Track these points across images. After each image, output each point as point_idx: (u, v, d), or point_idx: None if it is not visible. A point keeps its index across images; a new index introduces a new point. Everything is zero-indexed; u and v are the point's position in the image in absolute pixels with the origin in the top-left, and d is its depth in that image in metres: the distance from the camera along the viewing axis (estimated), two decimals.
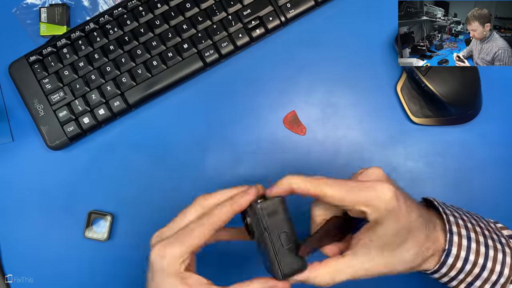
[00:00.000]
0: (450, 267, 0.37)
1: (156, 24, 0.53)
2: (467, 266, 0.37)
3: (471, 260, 0.37)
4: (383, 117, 0.53)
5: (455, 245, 0.37)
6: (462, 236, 0.37)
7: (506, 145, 0.52)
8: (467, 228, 0.38)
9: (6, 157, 0.55)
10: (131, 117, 0.55)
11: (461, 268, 0.37)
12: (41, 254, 0.54)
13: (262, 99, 0.54)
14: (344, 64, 0.54)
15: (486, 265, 0.38)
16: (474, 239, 0.38)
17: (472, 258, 0.37)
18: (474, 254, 0.37)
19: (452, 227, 0.38)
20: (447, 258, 0.37)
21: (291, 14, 0.53)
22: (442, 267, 0.37)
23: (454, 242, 0.37)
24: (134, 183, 0.54)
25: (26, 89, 0.53)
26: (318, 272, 0.36)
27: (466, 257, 0.37)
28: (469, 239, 0.38)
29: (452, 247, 0.37)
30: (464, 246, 0.37)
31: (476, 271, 0.38)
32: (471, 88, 0.50)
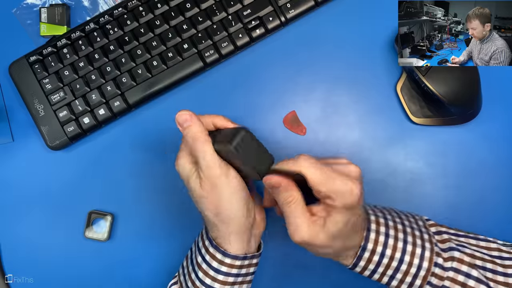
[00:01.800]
0: (367, 260, 0.41)
1: (156, 24, 0.53)
2: (384, 259, 0.41)
3: (388, 254, 0.41)
4: (383, 117, 0.53)
5: (371, 241, 0.41)
6: (380, 233, 0.41)
7: (506, 145, 0.52)
8: (387, 226, 0.42)
9: (6, 157, 0.55)
10: (131, 117, 0.55)
11: (378, 261, 0.41)
12: (41, 254, 0.54)
13: (262, 99, 0.54)
14: (344, 64, 0.54)
15: (404, 259, 0.41)
16: (393, 235, 0.41)
17: (388, 252, 0.41)
18: (391, 249, 0.41)
19: (371, 225, 0.41)
20: (363, 252, 0.41)
21: (291, 14, 0.53)
22: (359, 261, 0.41)
23: (371, 239, 0.41)
24: (134, 183, 0.54)
25: (26, 89, 0.53)
26: None
27: (382, 252, 0.41)
28: (387, 236, 0.41)
29: (367, 243, 0.41)
30: (380, 242, 0.41)
31: (394, 265, 0.41)
32: (471, 88, 0.50)
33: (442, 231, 0.44)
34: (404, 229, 0.42)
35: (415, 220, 0.44)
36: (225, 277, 0.42)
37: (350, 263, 0.41)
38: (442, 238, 0.43)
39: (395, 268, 0.41)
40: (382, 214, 0.43)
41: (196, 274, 0.43)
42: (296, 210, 0.39)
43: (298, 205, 0.39)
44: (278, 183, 0.39)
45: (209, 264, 0.42)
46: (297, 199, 0.39)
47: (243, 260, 0.43)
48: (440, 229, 0.44)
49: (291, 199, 0.39)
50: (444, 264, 0.41)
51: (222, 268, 0.42)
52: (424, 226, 0.44)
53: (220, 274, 0.42)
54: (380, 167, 0.53)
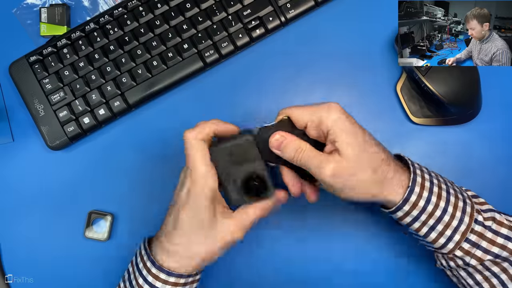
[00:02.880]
0: (413, 205, 0.39)
1: (156, 24, 0.53)
2: (429, 206, 0.39)
3: (433, 201, 0.39)
4: (383, 117, 0.53)
5: (418, 184, 0.39)
6: (425, 179, 0.40)
7: (506, 145, 0.52)
8: (430, 175, 0.41)
9: (6, 157, 0.55)
10: (131, 117, 0.55)
11: (423, 207, 0.39)
12: (41, 254, 0.54)
13: (262, 99, 0.54)
14: (344, 64, 0.54)
15: (447, 209, 0.39)
16: (437, 184, 0.40)
17: (434, 199, 0.39)
18: (436, 196, 0.39)
19: (416, 170, 0.40)
20: (410, 195, 0.39)
21: (291, 14, 0.53)
22: (405, 204, 0.39)
23: (418, 182, 0.39)
24: (134, 183, 0.54)
25: (27, 89, 0.53)
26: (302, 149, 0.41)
27: (428, 197, 0.39)
28: (431, 183, 0.40)
29: (415, 186, 0.39)
30: (426, 187, 0.39)
31: (438, 214, 0.39)
32: (471, 88, 0.50)
33: (477, 195, 0.43)
34: (445, 182, 0.41)
35: (451, 182, 0.43)
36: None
37: (395, 204, 0.39)
38: (480, 200, 0.42)
39: (437, 218, 0.39)
40: (425, 168, 0.42)
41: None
42: (310, 153, 0.40)
43: (310, 150, 0.40)
44: (282, 137, 0.41)
45: (151, 285, 0.42)
46: (306, 146, 0.40)
47: (186, 278, 0.42)
48: (476, 194, 0.43)
49: (300, 149, 0.40)
50: (485, 222, 0.40)
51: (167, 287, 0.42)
52: (461, 188, 0.43)
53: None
54: None
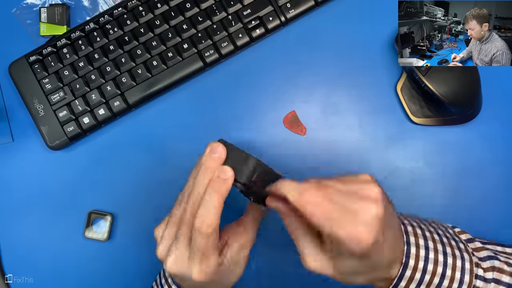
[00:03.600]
0: (409, 279, 0.36)
1: (156, 24, 0.53)
2: (426, 276, 0.36)
3: (430, 270, 0.36)
4: (383, 117, 0.53)
5: (413, 256, 0.36)
6: (420, 246, 0.36)
7: (506, 145, 0.52)
8: (425, 237, 0.37)
9: (6, 157, 0.55)
10: (131, 117, 0.55)
11: (420, 279, 0.36)
12: (41, 254, 0.54)
13: (262, 99, 0.54)
14: (344, 64, 0.54)
15: (446, 273, 0.37)
16: (432, 248, 0.37)
17: (430, 268, 0.36)
18: (433, 264, 0.36)
19: (409, 238, 0.37)
20: (404, 271, 0.36)
21: (291, 14, 0.53)
22: (401, 281, 0.36)
23: (412, 254, 0.36)
24: (134, 183, 0.54)
25: (26, 89, 0.53)
26: None
27: (424, 267, 0.36)
28: (427, 249, 0.37)
29: (409, 259, 0.36)
30: (422, 256, 0.36)
31: (436, 281, 0.37)
32: (471, 88, 0.50)
33: (472, 238, 0.40)
34: (441, 240, 0.38)
35: (445, 228, 0.40)
36: None
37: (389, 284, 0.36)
38: (476, 246, 0.40)
39: (436, 284, 0.37)
40: (416, 223, 0.39)
41: None
42: (300, 238, 0.35)
43: (302, 234, 0.35)
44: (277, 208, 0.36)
45: None
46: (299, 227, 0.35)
47: None
48: (471, 237, 0.41)
49: (293, 226, 0.36)
50: (485, 275, 0.37)
51: None
52: (455, 234, 0.40)
53: None
54: (380, 167, 0.53)
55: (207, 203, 0.34)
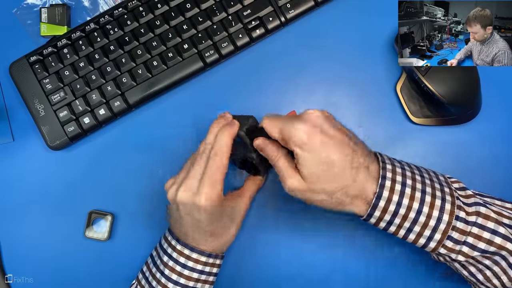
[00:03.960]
0: (383, 210, 0.39)
1: (157, 24, 0.53)
2: (401, 209, 0.39)
3: (405, 204, 0.39)
4: (383, 117, 0.53)
5: (387, 189, 0.39)
6: (396, 181, 0.39)
7: (506, 145, 0.52)
8: (404, 175, 0.40)
9: (6, 157, 0.55)
10: (131, 117, 0.55)
11: (395, 211, 0.39)
12: (41, 254, 0.54)
13: (262, 99, 0.54)
14: (344, 64, 0.54)
15: (422, 210, 0.39)
16: (410, 185, 0.39)
17: (405, 202, 0.39)
18: (408, 199, 0.39)
19: (386, 173, 0.40)
20: (378, 200, 0.39)
21: (291, 14, 0.53)
22: (375, 210, 0.39)
23: (386, 186, 0.39)
24: (134, 183, 0.54)
25: (27, 89, 0.53)
26: None
27: (399, 201, 0.39)
28: (403, 185, 0.39)
29: (383, 190, 0.39)
30: (397, 190, 0.39)
31: (412, 216, 0.39)
32: (470, 88, 0.50)
33: (466, 187, 0.42)
34: (423, 180, 0.40)
35: (435, 174, 0.42)
36: (190, 272, 0.45)
37: (364, 212, 0.40)
38: (467, 193, 0.41)
39: (412, 219, 0.39)
40: (400, 164, 0.41)
41: (162, 272, 0.45)
42: (282, 164, 0.42)
43: (283, 160, 0.42)
44: (264, 143, 0.43)
45: (176, 260, 0.45)
46: (281, 155, 0.42)
47: (208, 257, 0.45)
48: (463, 186, 0.42)
49: (276, 155, 0.43)
50: (467, 218, 0.39)
51: (189, 263, 0.45)
52: (445, 181, 0.42)
53: (186, 269, 0.45)
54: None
55: (220, 140, 0.43)
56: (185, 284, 0.45)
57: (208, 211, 0.43)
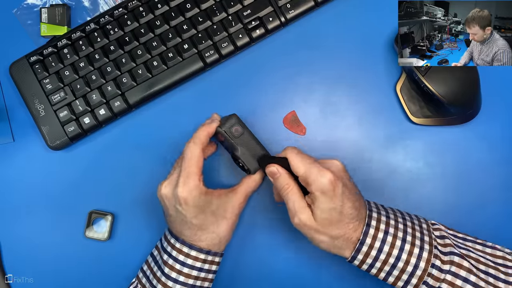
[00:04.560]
0: (365, 254, 0.43)
1: (157, 24, 0.53)
2: (381, 255, 0.42)
3: (385, 250, 0.42)
4: (383, 117, 0.53)
5: (370, 236, 0.43)
6: (380, 229, 0.43)
7: (505, 145, 0.52)
8: (388, 224, 0.43)
9: (6, 157, 0.55)
10: (131, 117, 0.55)
11: (376, 256, 0.43)
12: (41, 254, 0.54)
13: (262, 99, 0.54)
14: (344, 64, 0.54)
15: (401, 257, 0.42)
16: (392, 233, 0.43)
17: (386, 249, 0.42)
18: (389, 246, 0.42)
19: (371, 221, 0.43)
20: (361, 246, 0.42)
21: (291, 14, 0.53)
22: (358, 254, 0.43)
23: (369, 234, 0.43)
24: (135, 183, 0.54)
25: (27, 89, 0.53)
26: None
27: (380, 247, 0.42)
28: (385, 233, 0.43)
29: (366, 238, 0.42)
30: (379, 238, 0.43)
31: (391, 261, 0.42)
32: (470, 88, 0.50)
33: (445, 236, 0.45)
34: (405, 229, 0.43)
35: (419, 222, 0.45)
36: (189, 270, 0.46)
37: (349, 255, 0.43)
38: (445, 242, 0.44)
39: (392, 264, 0.42)
40: (386, 212, 0.45)
41: (162, 271, 0.46)
42: (292, 196, 0.44)
43: (294, 192, 0.44)
44: (277, 172, 0.45)
45: (175, 258, 0.46)
46: (293, 187, 0.44)
47: (206, 255, 0.46)
48: (444, 234, 0.45)
49: (287, 186, 0.44)
50: (442, 266, 0.42)
51: (188, 261, 0.46)
52: (427, 229, 0.45)
53: (186, 267, 0.46)
54: (380, 167, 0.53)
55: (194, 135, 0.47)
56: (185, 281, 0.46)
57: (189, 203, 0.45)
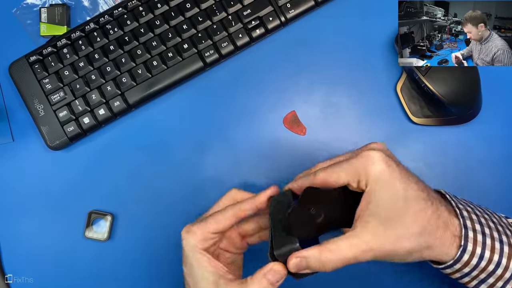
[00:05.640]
0: (465, 264, 0.36)
1: (156, 24, 0.53)
2: (482, 263, 0.36)
3: (486, 257, 0.36)
4: (383, 117, 0.53)
5: (471, 240, 0.35)
6: (477, 231, 0.36)
7: (506, 145, 0.52)
8: (481, 223, 0.37)
9: (6, 157, 0.55)
10: (131, 117, 0.55)
11: (476, 265, 0.36)
12: (41, 254, 0.54)
13: (262, 99, 0.54)
14: (344, 64, 0.54)
15: (501, 262, 0.36)
16: (489, 234, 0.36)
17: (487, 254, 0.36)
18: (489, 251, 0.36)
19: (466, 222, 0.36)
20: (463, 254, 0.35)
21: (291, 14, 0.53)
22: (457, 263, 0.36)
23: (470, 237, 0.35)
24: (134, 183, 0.54)
25: (26, 89, 0.53)
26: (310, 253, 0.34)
27: (481, 253, 0.36)
28: (484, 235, 0.36)
29: (468, 243, 0.35)
30: (479, 241, 0.36)
31: (491, 268, 0.36)
32: (471, 88, 0.50)
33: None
34: (496, 227, 0.37)
35: (499, 217, 0.39)
36: None
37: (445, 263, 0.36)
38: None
39: (490, 272, 0.36)
40: (471, 208, 0.38)
41: None
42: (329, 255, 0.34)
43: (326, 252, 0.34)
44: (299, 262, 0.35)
45: None
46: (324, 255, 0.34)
47: None
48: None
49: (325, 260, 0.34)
50: None
51: None
52: (509, 224, 0.39)
53: None
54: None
55: None
56: None
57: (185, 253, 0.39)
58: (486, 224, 0.37)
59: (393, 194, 0.34)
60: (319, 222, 0.36)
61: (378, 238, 0.34)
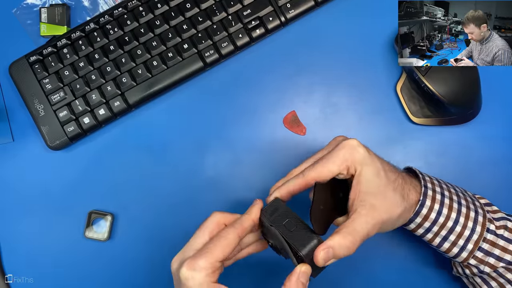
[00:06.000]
0: (424, 217, 0.40)
1: (156, 24, 0.53)
2: (440, 218, 0.40)
3: (444, 213, 0.40)
4: (383, 117, 0.53)
5: (429, 197, 0.40)
6: (436, 192, 0.41)
7: (506, 145, 0.52)
8: (441, 187, 0.41)
9: (6, 157, 0.55)
10: (131, 117, 0.55)
11: (435, 219, 0.40)
12: (41, 254, 0.54)
13: (262, 99, 0.54)
14: (344, 64, 0.54)
15: (459, 220, 0.40)
16: (448, 196, 0.41)
17: (445, 211, 0.40)
18: (447, 209, 0.40)
19: (427, 184, 0.41)
20: (421, 208, 0.40)
21: (291, 14, 0.53)
22: (416, 217, 0.40)
23: (428, 195, 0.40)
24: (134, 183, 0.54)
25: (27, 89, 0.53)
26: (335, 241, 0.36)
27: (439, 210, 0.40)
28: (442, 195, 0.41)
29: (426, 199, 0.40)
30: (438, 199, 0.40)
31: (450, 225, 0.40)
32: (471, 88, 0.50)
33: (490, 203, 0.44)
34: (457, 193, 0.42)
35: (465, 191, 0.44)
36: None
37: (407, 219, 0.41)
38: (493, 209, 0.43)
39: (449, 228, 0.40)
40: (435, 179, 0.43)
41: None
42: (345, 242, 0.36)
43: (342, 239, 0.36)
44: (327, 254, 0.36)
45: None
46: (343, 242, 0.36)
47: None
48: (489, 202, 0.44)
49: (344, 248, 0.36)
50: (496, 230, 0.41)
51: None
52: (473, 196, 0.43)
53: None
54: None
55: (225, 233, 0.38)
56: None
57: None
58: (446, 189, 0.42)
59: (377, 171, 0.38)
60: (327, 214, 0.39)
61: (376, 211, 0.37)
